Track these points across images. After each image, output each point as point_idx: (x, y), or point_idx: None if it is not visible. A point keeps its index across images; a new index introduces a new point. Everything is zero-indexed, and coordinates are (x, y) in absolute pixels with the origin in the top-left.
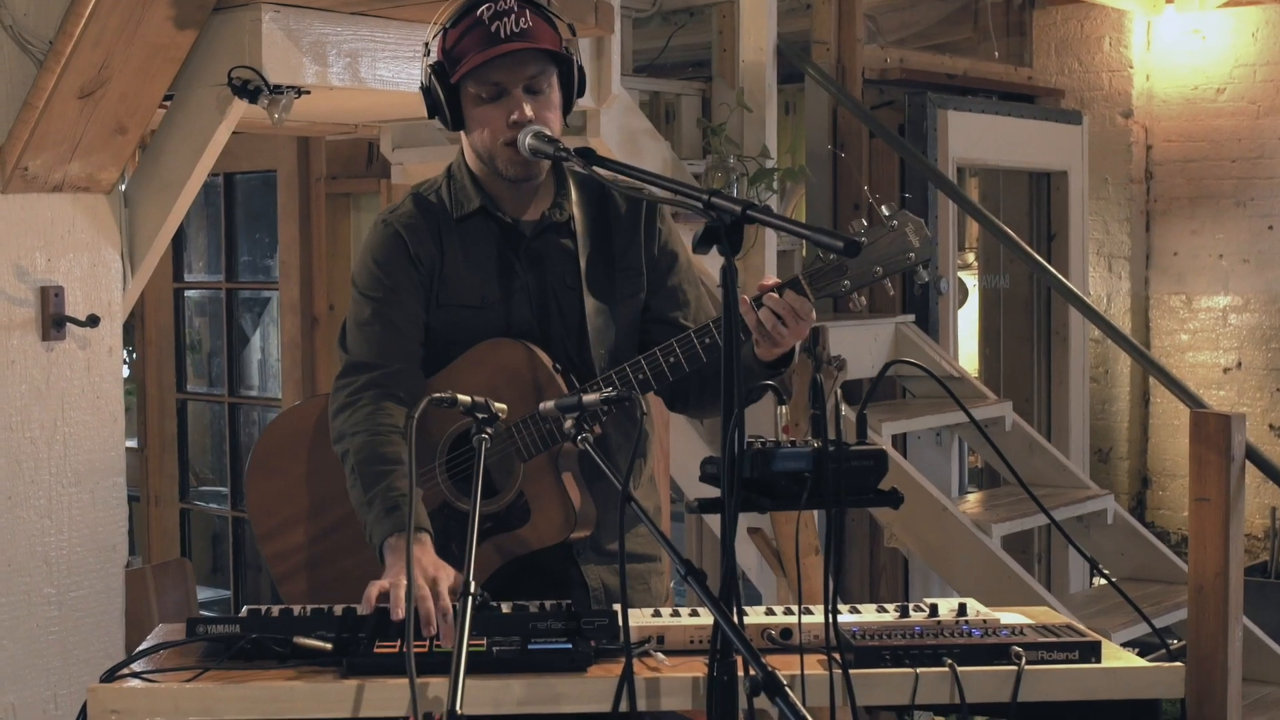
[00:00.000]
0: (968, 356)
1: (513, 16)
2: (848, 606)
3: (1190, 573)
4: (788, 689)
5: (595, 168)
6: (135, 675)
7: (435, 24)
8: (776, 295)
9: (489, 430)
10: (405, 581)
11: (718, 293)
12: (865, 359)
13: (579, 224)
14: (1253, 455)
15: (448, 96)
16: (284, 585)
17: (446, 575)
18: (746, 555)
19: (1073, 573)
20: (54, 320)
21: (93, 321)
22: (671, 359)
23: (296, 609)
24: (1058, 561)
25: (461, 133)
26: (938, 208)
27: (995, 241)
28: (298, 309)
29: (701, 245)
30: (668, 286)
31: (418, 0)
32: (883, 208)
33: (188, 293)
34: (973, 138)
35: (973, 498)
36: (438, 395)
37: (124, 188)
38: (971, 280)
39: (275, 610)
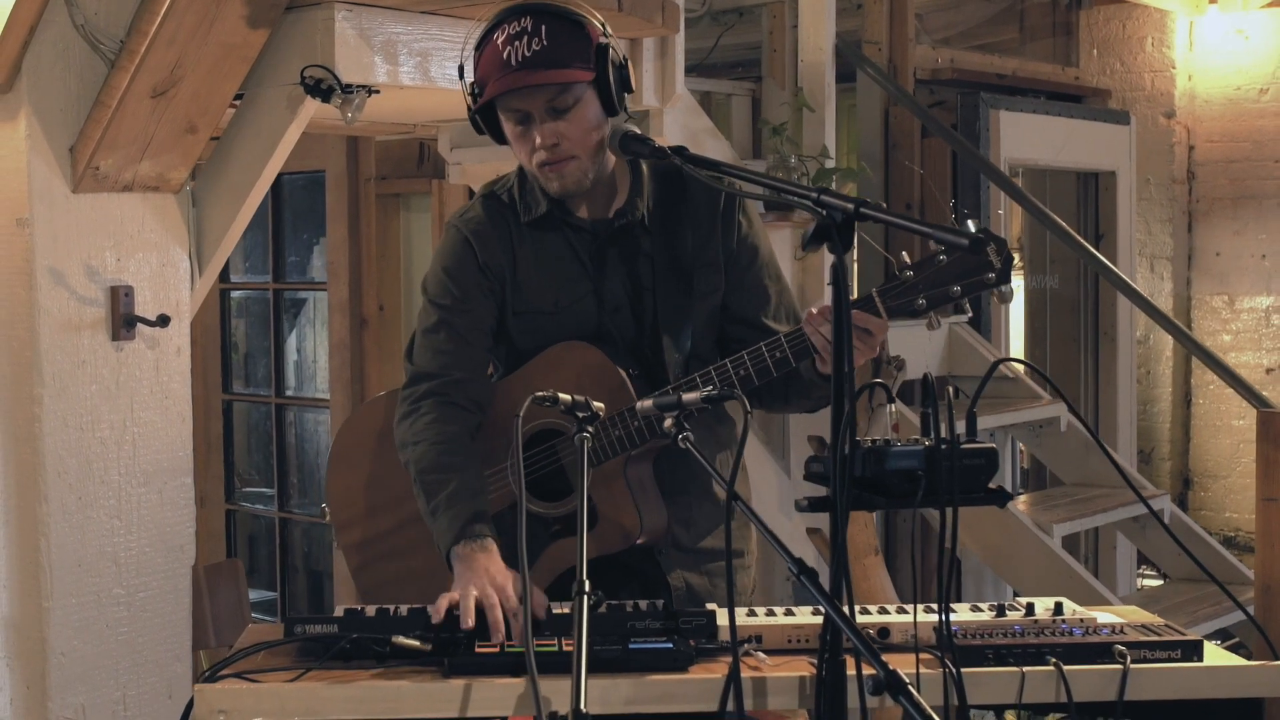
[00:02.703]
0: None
1: (526, 39)
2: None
3: (1257, 572)
4: (911, 688)
5: (699, 168)
6: (237, 675)
7: (465, 45)
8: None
9: (590, 429)
10: (474, 591)
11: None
12: (920, 359)
13: (654, 221)
14: None
15: (486, 119)
16: (359, 577)
17: (515, 581)
18: (803, 554)
19: (1120, 574)
20: (124, 320)
21: (163, 321)
22: (742, 372)
23: (393, 609)
24: (1105, 562)
25: None
26: (990, 208)
27: (1042, 242)
28: (346, 309)
29: (813, 243)
30: (747, 282)
31: (489, 0)
32: (968, 224)
33: (232, 293)
34: (1024, 138)
35: (1025, 498)
36: (540, 394)
37: (191, 187)
38: (1017, 281)
39: (371, 610)
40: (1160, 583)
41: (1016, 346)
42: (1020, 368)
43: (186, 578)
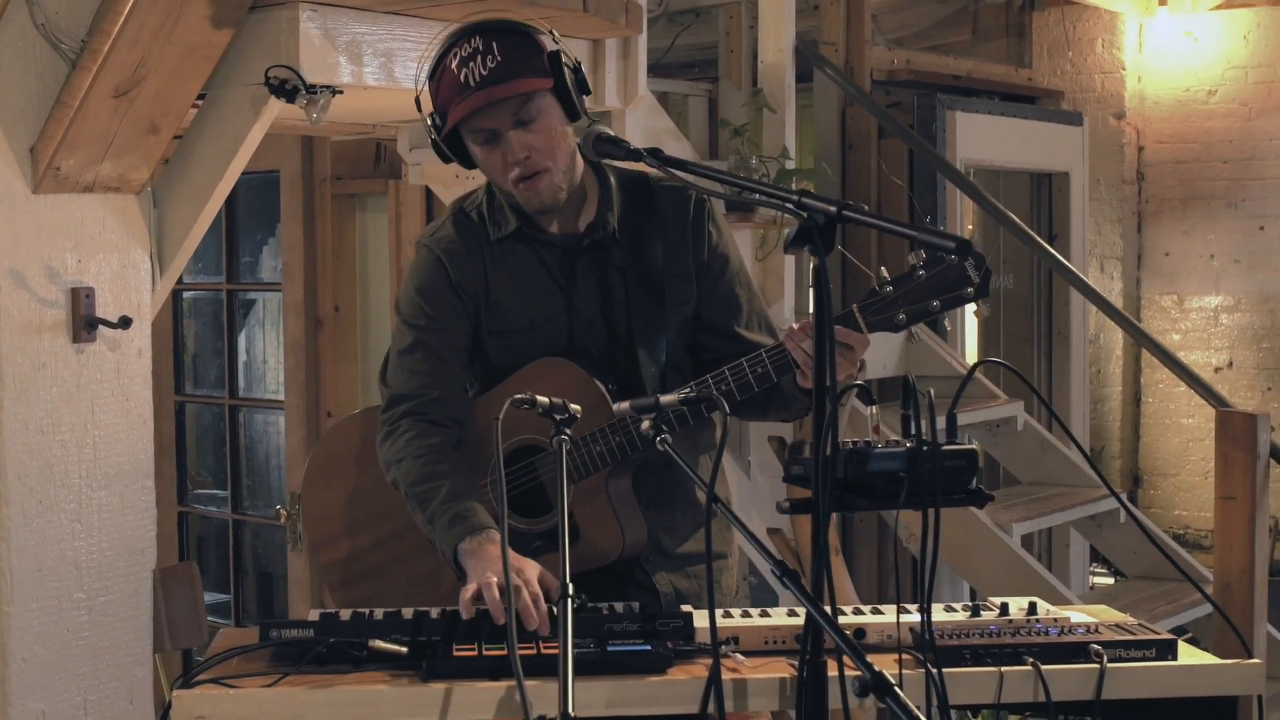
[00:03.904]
0: (969, 357)
1: (480, 58)
2: (914, 606)
3: (1216, 569)
4: (898, 689)
5: (673, 170)
6: (213, 681)
7: (418, 75)
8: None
9: (568, 431)
10: (494, 579)
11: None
12: (878, 360)
13: (625, 234)
14: (1276, 453)
15: (451, 144)
16: (338, 595)
17: (532, 566)
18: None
19: (1074, 572)
20: (85, 322)
21: (125, 323)
22: (724, 387)
23: (368, 612)
24: (1059, 560)
25: None
26: (946, 209)
27: (996, 242)
28: (301, 310)
29: (794, 245)
30: (719, 291)
31: (454, 0)
32: (942, 228)
33: (183, 294)
34: (979, 138)
35: None
36: (518, 396)
37: (152, 188)
38: None
39: (346, 614)
40: (1111, 581)
41: (971, 346)
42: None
43: (147, 581)
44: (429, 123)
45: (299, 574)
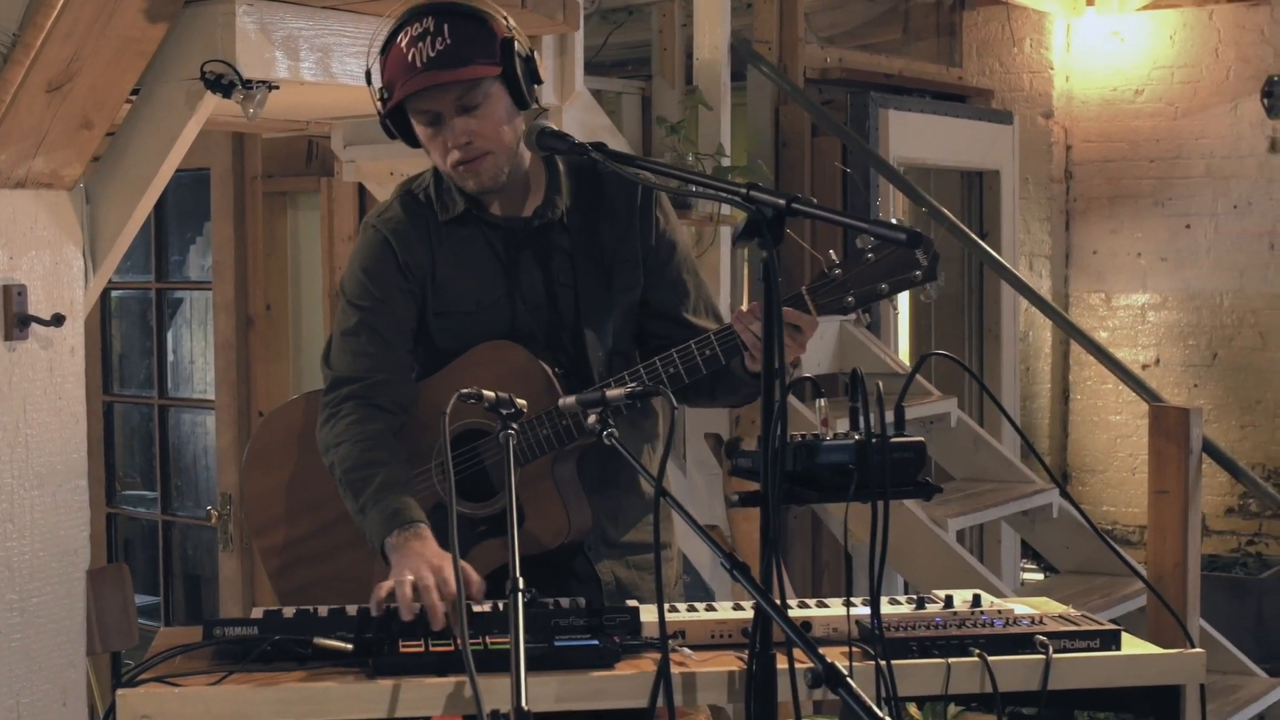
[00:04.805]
0: (901, 354)
1: (429, 39)
2: (859, 599)
3: (1150, 563)
4: (850, 680)
5: (620, 165)
6: (157, 680)
7: (370, 49)
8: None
9: (514, 426)
10: (409, 577)
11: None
12: (812, 356)
13: (572, 218)
14: (1208, 448)
15: (397, 123)
16: (278, 581)
17: (451, 565)
18: (700, 552)
19: (1005, 567)
20: (17, 320)
21: (58, 321)
22: (671, 370)
23: (312, 609)
24: (990, 556)
25: None
26: (878, 207)
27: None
28: (232, 309)
29: (743, 238)
30: (667, 277)
31: None
32: (894, 220)
33: (111, 293)
34: (911, 137)
35: None
36: (465, 391)
37: (85, 184)
38: None
39: (290, 611)
40: (1041, 576)
41: (903, 343)
42: (907, 365)
43: (80, 582)
44: (377, 97)
45: (231, 575)
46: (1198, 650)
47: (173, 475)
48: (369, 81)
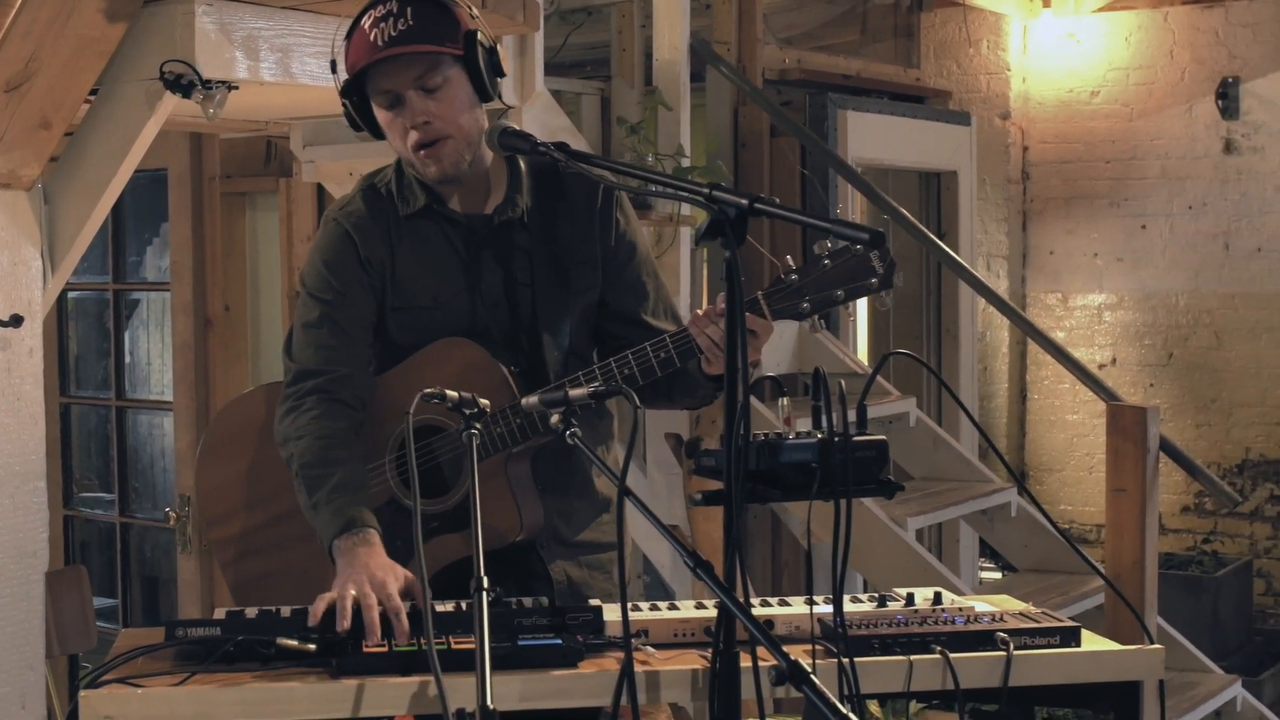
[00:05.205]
0: (860, 353)
1: (391, 20)
2: (821, 597)
3: (1108, 561)
4: (814, 677)
5: (583, 165)
6: (120, 681)
7: (335, 39)
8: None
9: (477, 426)
10: (351, 590)
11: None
12: (771, 356)
13: (533, 218)
14: (1165, 446)
15: (359, 109)
16: (230, 572)
17: (396, 577)
18: (660, 552)
19: (963, 566)
20: None
21: (16, 322)
22: (626, 371)
23: (275, 609)
24: (949, 555)
25: None
26: (837, 208)
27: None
28: (190, 310)
29: (706, 238)
30: (626, 279)
31: None
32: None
33: (69, 294)
34: (870, 138)
35: None
36: (428, 391)
37: (43, 184)
38: None
39: (254, 611)
40: (999, 575)
41: (862, 343)
42: (866, 365)
43: (40, 584)
44: (339, 84)
45: (189, 577)
46: (1156, 646)
47: (130, 477)
48: (334, 70)
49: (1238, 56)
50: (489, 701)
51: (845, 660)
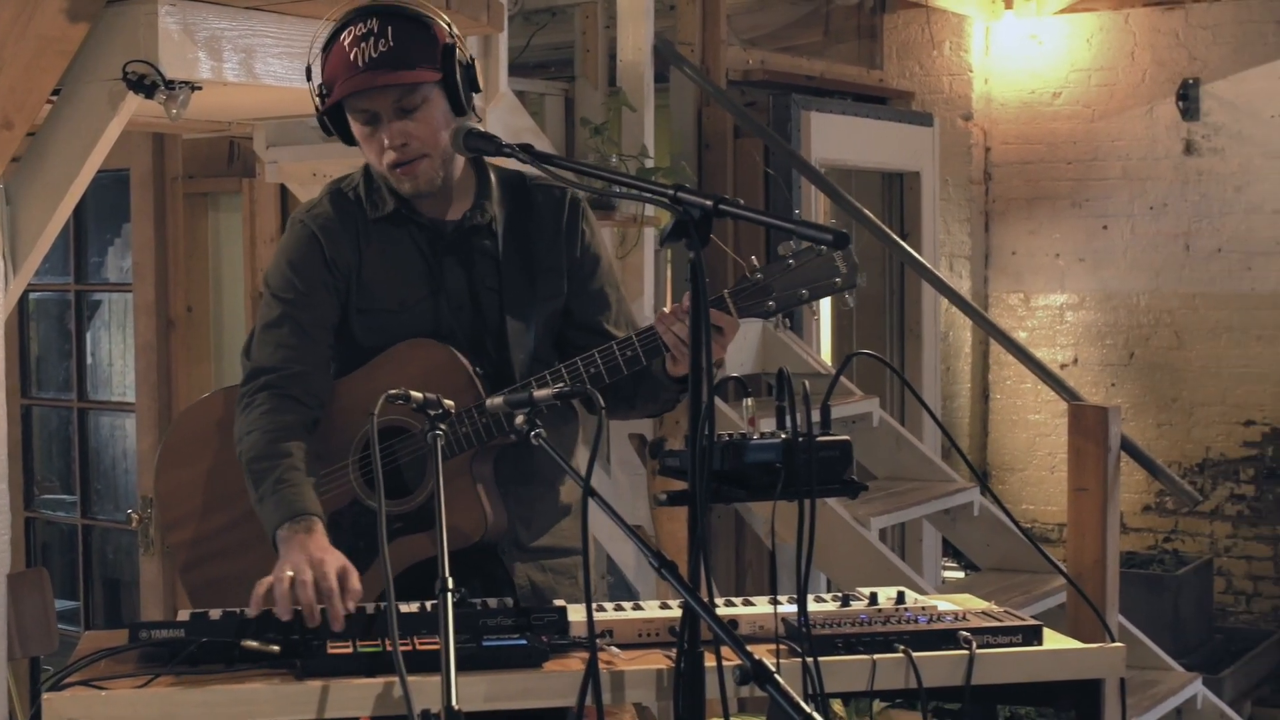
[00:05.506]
0: (824, 354)
1: (372, 40)
2: (785, 597)
3: (1069, 560)
4: (778, 676)
5: (547, 166)
6: (83, 683)
7: (313, 45)
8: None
9: (442, 427)
10: (288, 573)
11: None
12: (735, 356)
13: (500, 224)
14: (1127, 446)
15: (335, 120)
16: (187, 575)
17: (334, 559)
18: (625, 553)
19: (926, 565)
20: None
21: None
22: (592, 369)
23: (239, 611)
24: (911, 554)
25: None
26: (801, 208)
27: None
28: (153, 311)
29: (670, 239)
30: (590, 289)
31: None
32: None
33: (29, 295)
34: (833, 138)
35: None
36: (393, 392)
37: (4, 185)
38: None
39: (217, 613)
40: (961, 575)
41: (825, 343)
42: (830, 365)
43: (2, 586)
44: (316, 93)
45: (152, 579)
46: (1118, 645)
47: (92, 478)
48: (309, 78)
49: (1198, 58)
50: (454, 702)
51: (809, 660)
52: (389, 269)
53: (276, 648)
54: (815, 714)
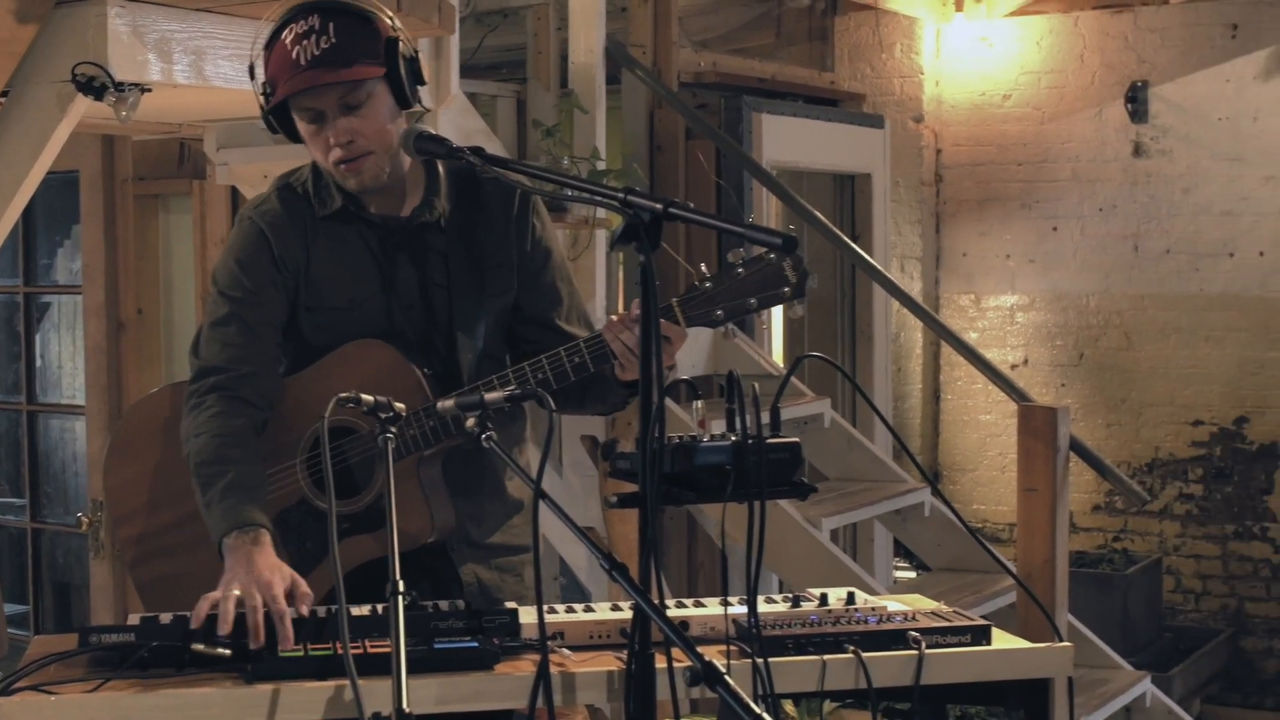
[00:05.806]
0: (776, 355)
1: (314, 37)
2: (736, 598)
3: (1019, 560)
4: (728, 677)
5: (496, 167)
6: (32, 688)
7: (255, 43)
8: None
9: (393, 430)
10: (235, 591)
11: None
12: (687, 358)
13: (450, 221)
14: (1076, 446)
15: (279, 118)
16: (136, 572)
17: (283, 578)
18: (576, 554)
19: (878, 566)
20: None
21: None
22: (539, 375)
23: (189, 615)
24: (863, 555)
25: None
26: (753, 210)
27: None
28: (103, 313)
29: (620, 243)
30: (541, 284)
31: None
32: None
33: None
34: (784, 140)
35: None
36: (344, 395)
37: None
38: None
39: (168, 617)
40: (913, 575)
41: (777, 344)
42: (781, 367)
43: None
44: (260, 91)
45: (102, 582)
46: (1066, 644)
47: (42, 482)
48: (252, 76)
49: (1146, 61)
50: (405, 705)
51: (759, 660)
52: (338, 267)
53: (227, 651)
54: (765, 715)
